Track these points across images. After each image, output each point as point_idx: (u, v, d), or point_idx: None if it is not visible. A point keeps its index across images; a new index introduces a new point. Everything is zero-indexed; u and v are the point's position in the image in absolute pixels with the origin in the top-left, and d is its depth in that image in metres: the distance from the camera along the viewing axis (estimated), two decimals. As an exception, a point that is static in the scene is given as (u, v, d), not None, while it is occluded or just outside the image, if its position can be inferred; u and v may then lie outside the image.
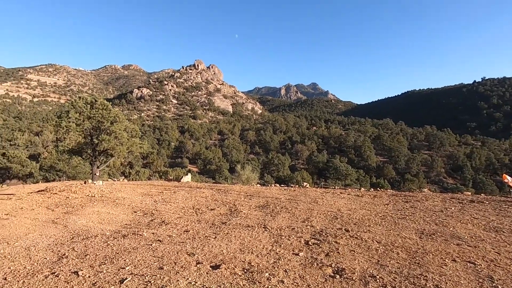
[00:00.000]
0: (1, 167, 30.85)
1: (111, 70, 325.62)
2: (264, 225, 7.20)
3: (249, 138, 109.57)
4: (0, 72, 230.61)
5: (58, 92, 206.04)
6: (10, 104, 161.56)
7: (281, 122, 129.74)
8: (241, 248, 5.50)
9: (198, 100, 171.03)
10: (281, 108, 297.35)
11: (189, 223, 7.62)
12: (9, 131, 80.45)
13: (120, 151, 13.81)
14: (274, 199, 11.07)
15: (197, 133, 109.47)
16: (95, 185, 13.72)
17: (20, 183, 28.12)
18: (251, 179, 22.82)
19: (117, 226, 7.57)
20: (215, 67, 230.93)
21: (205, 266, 4.58)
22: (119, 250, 5.49)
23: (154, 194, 12.72)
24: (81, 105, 13.23)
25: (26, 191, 15.61)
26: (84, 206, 10.12)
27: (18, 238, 6.58)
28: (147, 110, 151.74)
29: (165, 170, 49.09)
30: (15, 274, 4.54)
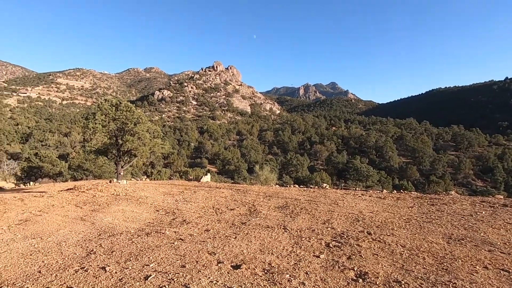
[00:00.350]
0: (34, 166, 32.74)
1: (134, 73, 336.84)
2: (283, 226, 7.17)
3: (267, 138, 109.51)
4: (33, 77, 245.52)
5: (85, 95, 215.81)
6: (42, 106, 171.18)
7: (299, 122, 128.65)
8: (261, 249, 5.51)
9: (217, 101, 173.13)
10: (300, 108, 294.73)
11: (209, 223, 7.73)
12: (41, 132, 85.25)
13: (143, 152, 14.27)
14: (293, 200, 10.99)
15: (216, 133, 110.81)
16: (119, 184, 14.24)
17: (50, 182, 29.70)
18: (270, 180, 22.79)
19: (141, 224, 7.82)
20: (234, 68, 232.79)
21: (226, 265, 4.63)
22: (143, 247, 5.67)
23: (175, 194, 13.02)
24: (107, 107, 13.80)
25: (57, 189, 16.47)
26: (110, 204, 10.53)
27: (51, 233, 6.96)
28: (167, 111, 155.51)
29: (185, 170, 50.09)
30: (48, 267, 4.81)
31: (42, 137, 79.60)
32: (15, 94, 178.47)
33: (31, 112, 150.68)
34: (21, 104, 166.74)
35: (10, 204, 10.77)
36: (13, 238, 6.71)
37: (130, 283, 4.02)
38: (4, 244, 6.21)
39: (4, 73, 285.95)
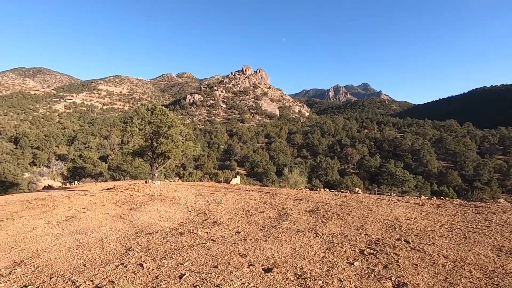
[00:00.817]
0: (78, 167, 35.38)
1: (167, 79, 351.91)
2: (315, 231, 7.03)
3: (296, 141, 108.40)
4: (78, 84, 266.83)
5: (123, 100, 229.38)
6: (85, 111, 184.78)
7: (329, 124, 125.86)
8: (292, 253, 5.44)
9: (246, 104, 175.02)
10: (330, 110, 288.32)
11: (240, 225, 7.80)
12: (84, 135, 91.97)
13: (176, 154, 14.81)
14: (324, 204, 10.75)
15: (245, 136, 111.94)
16: (154, 185, 14.90)
17: (92, 181, 31.86)
18: (299, 183, 22.50)
19: (174, 224, 8.10)
20: (263, 71, 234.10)
21: (257, 268, 4.63)
22: (177, 246, 5.86)
23: (206, 195, 13.33)
24: (143, 111, 14.55)
25: (98, 188, 17.62)
26: (146, 204, 11.05)
27: (93, 230, 7.45)
28: (198, 114, 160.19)
29: (215, 172, 51.16)
30: (92, 262, 5.15)
31: (85, 140, 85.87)
32: (62, 100, 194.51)
33: (76, 117, 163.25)
34: (67, 110, 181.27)
35: (59, 202, 11.72)
36: (61, 233, 7.28)
37: (166, 280, 4.18)
38: (54, 238, 6.77)
39: (53, 81, 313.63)
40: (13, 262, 5.26)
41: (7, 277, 4.56)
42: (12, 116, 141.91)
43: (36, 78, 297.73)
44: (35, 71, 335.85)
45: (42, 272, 4.76)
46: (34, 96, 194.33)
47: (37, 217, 9.03)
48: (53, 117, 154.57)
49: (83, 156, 36.70)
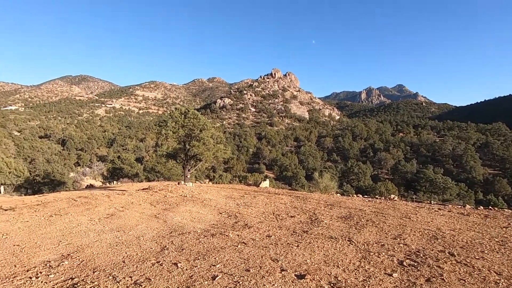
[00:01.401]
0: (117, 167, 37.62)
1: (199, 83, 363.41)
2: (348, 238, 6.76)
3: (326, 145, 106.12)
4: (117, 90, 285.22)
5: (157, 105, 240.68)
6: (123, 115, 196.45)
7: (361, 128, 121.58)
8: (325, 260, 5.28)
9: (275, 108, 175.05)
10: (361, 113, 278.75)
11: (270, 229, 7.75)
12: (122, 138, 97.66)
13: (208, 156, 15.17)
14: (357, 210, 10.34)
15: (274, 139, 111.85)
16: (186, 186, 15.36)
17: (129, 181, 33.65)
18: (330, 188, 21.89)
19: (206, 225, 8.25)
20: (292, 74, 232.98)
21: (290, 274, 4.55)
22: (210, 248, 5.95)
23: (236, 198, 13.45)
24: (177, 115, 15.11)
25: (134, 188, 18.55)
26: (178, 204, 11.40)
27: (131, 228, 7.83)
28: (228, 118, 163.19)
29: (244, 175, 51.63)
30: (130, 258, 5.39)
31: (123, 142, 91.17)
32: (103, 105, 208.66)
33: (115, 121, 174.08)
34: (107, 114, 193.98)
35: (100, 200, 12.51)
36: (102, 229, 7.74)
37: (199, 281, 4.24)
38: (96, 234, 7.21)
39: (96, 88, 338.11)
40: (61, 255, 5.67)
41: (56, 269, 4.92)
42: (60, 120, 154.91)
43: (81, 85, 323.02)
44: (80, 79, 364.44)
45: (86, 266, 5.07)
46: (79, 101, 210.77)
47: (81, 214, 9.70)
48: (95, 121, 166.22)
49: (121, 158, 38.96)
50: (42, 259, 5.45)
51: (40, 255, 5.70)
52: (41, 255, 5.73)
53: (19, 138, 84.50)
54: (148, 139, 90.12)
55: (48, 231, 7.61)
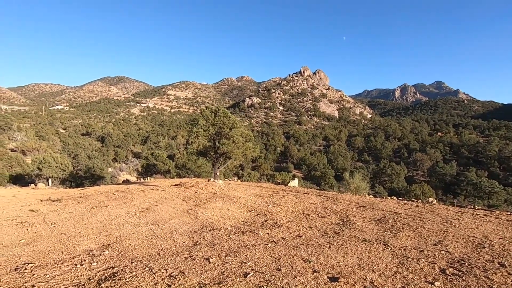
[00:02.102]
0: (150, 164, 39.36)
1: (228, 83, 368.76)
2: (384, 242, 6.46)
3: (357, 144, 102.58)
4: (151, 90, 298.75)
5: (188, 104, 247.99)
6: (156, 114, 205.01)
7: (395, 127, 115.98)
8: (359, 264, 5.08)
9: (304, 106, 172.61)
10: (395, 111, 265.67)
11: (300, 228, 7.63)
12: (155, 136, 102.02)
13: (237, 154, 15.33)
14: (392, 213, 9.85)
15: (302, 138, 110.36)
16: (216, 183, 15.65)
17: (161, 177, 35.06)
18: (361, 189, 21.14)
19: (236, 222, 8.33)
20: (321, 72, 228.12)
21: (322, 276, 4.43)
22: (240, 245, 5.99)
23: (265, 196, 13.45)
24: (208, 113, 15.43)
25: (167, 184, 19.26)
26: (209, 201, 11.64)
27: (165, 222, 8.12)
28: (256, 117, 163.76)
29: (272, 174, 51.55)
30: (165, 251, 5.58)
31: (156, 140, 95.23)
32: (138, 104, 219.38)
33: (148, 119, 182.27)
34: (142, 113, 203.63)
35: (135, 194, 13.14)
36: (138, 222, 8.11)
37: (231, 277, 4.28)
38: (133, 226, 7.57)
39: (132, 88, 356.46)
40: (102, 245, 6.03)
41: (98, 258, 5.24)
42: (99, 118, 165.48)
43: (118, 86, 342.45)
44: (118, 79, 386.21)
45: (124, 256, 5.34)
46: (116, 101, 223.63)
47: (119, 207, 10.25)
48: (131, 120, 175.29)
49: (154, 155, 40.70)
50: (86, 248, 5.83)
51: (83, 244, 6.10)
52: (85, 244, 6.13)
53: (64, 135, 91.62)
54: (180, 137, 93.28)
55: (90, 222, 8.14)
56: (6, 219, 8.23)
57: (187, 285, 4.08)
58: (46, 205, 10.52)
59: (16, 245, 6.02)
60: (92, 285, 4.12)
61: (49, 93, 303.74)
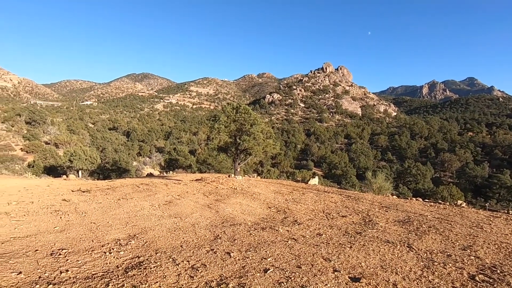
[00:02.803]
0: (172, 159, 40.46)
1: (248, 79, 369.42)
2: (408, 244, 6.26)
3: (380, 143, 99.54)
4: (174, 86, 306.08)
5: (209, 100, 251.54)
6: (179, 110, 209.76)
7: (421, 125, 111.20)
8: (382, 265, 4.96)
9: (325, 103, 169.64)
10: (422, 109, 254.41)
11: (321, 227, 7.56)
12: (178, 131, 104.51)
13: (257, 151, 15.40)
14: (417, 215, 9.50)
15: (323, 136, 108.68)
16: (236, 179, 15.82)
17: (183, 172, 35.94)
18: (384, 189, 20.55)
19: (256, 218, 8.40)
20: (344, 69, 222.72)
21: (343, 275, 4.38)
22: (260, 241, 6.05)
23: (284, 193, 13.43)
24: (229, 110, 15.59)
25: (188, 178, 19.72)
26: (229, 196, 11.80)
27: (187, 215, 8.34)
28: (276, 114, 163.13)
29: (291, 171, 51.30)
30: (187, 244, 5.75)
31: (178, 135, 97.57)
32: (161, 101, 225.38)
33: (171, 115, 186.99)
34: (165, 109, 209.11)
35: (159, 188, 13.58)
36: (162, 215, 8.39)
37: (251, 272, 4.34)
38: (157, 219, 7.85)
39: (156, 84, 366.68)
40: (128, 235, 6.31)
41: (125, 247, 5.49)
42: (125, 114, 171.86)
43: (143, 82, 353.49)
44: (142, 76, 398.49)
45: (149, 247, 5.56)
46: (141, 97, 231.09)
47: (144, 200, 10.65)
48: (154, 115, 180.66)
49: (177, 150, 41.77)
50: (113, 237, 6.13)
51: (111, 233, 6.42)
52: (112, 233, 6.45)
53: (93, 129, 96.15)
54: (201, 133, 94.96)
55: (117, 212, 8.53)
56: (42, 207, 8.81)
57: (208, 277, 4.19)
58: (77, 196, 11.14)
59: (51, 232, 6.44)
60: (120, 272, 4.33)
61: (80, 89, 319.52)
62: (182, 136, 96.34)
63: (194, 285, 3.94)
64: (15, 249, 5.25)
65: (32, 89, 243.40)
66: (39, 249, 5.28)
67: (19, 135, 60.96)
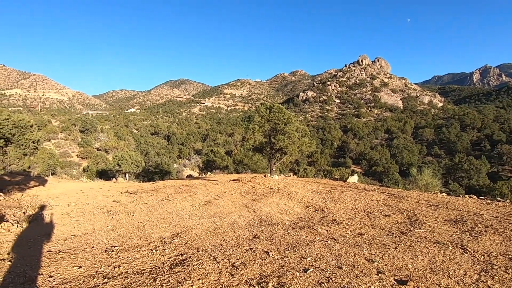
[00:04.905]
0: (210, 160, 41.75)
1: (281, 78, 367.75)
2: (461, 245, 5.76)
3: (425, 136, 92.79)
4: (209, 90, 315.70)
5: (243, 101, 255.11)
6: (214, 113, 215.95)
7: (473, 116, 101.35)
8: (432, 268, 4.63)
9: (362, 98, 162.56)
10: (473, 98, 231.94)
11: (362, 226, 7.27)
12: (214, 133, 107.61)
13: (293, 150, 15.27)
14: (471, 214, 8.69)
15: (361, 132, 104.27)
16: (272, 179, 15.85)
17: (220, 173, 36.89)
18: (432, 186, 19.07)
19: (293, 218, 8.34)
20: (382, 60, 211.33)
21: (388, 277, 4.17)
22: (299, 240, 5.99)
23: (322, 192, 13.13)
24: (263, 110, 15.67)
25: (226, 179, 20.20)
26: (266, 196, 11.86)
27: (225, 215, 8.56)
28: (311, 111, 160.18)
29: (329, 169, 50.02)
30: (227, 243, 5.90)
31: (214, 137, 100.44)
32: (198, 104, 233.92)
33: (207, 118, 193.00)
34: (201, 112, 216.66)
35: (198, 188, 14.11)
36: (202, 214, 8.70)
37: (290, 271, 4.32)
38: (197, 218, 8.17)
39: (192, 89, 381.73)
40: (172, 234, 6.65)
41: (169, 245, 5.80)
42: (165, 119, 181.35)
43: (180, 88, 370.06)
44: (180, 82, 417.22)
45: (191, 245, 5.81)
46: (179, 102, 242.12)
47: (184, 200, 11.14)
48: (192, 119, 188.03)
49: (214, 151, 43.02)
50: (158, 236, 6.51)
51: (156, 232, 6.82)
52: (157, 232, 6.85)
53: (137, 135, 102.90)
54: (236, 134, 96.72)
55: (161, 212, 9.04)
56: (96, 208, 9.66)
57: (248, 275, 4.26)
58: (125, 197, 12.01)
59: (105, 230, 7.03)
60: (165, 268, 4.59)
61: (124, 98, 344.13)
62: (218, 138, 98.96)
63: (235, 283, 4.03)
64: (75, 246, 5.83)
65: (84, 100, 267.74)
66: (95, 246, 5.80)
67: (75, 142, 67.47)
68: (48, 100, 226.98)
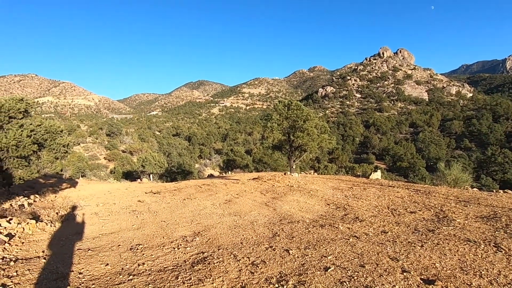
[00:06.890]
0: (230, 159, 42.16)
1: (299, 75, 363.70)
2: (495, 243, 5.42)
3: (454, 129, 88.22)
4: (227, 90, 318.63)
5: (261, 100, 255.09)
6: (233, 112, 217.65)
7: (507, 105, 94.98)
8: (461, 267, 4.39)
9: (384, 91, 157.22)
10: (507, 86, 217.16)
11: (385, 224, 7.04)
12: (233, 133, 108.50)
13: (312, 147, 15.06)
14: (506, 210, 8.15)
15: (384, 126, 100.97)
16: (292, 177, 15.73)
17: (240, 172, 37.14)
18: (462, 181, 18.07)
19: (314, 216, 8.23)
20: (405, 51, 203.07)
21: (414, 277, 4.01)
22: (319, 238, 5.90)
23: (344, 189, 12.86)
24: (281, 107, 15.57)
25: (246, 178, 20.30)
26: (286, 194, 11.80)
27: (245, 213, 8.60)
28: (331, 107, 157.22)
29: (351, 166, 48.89)
30: (247, 241, 5.93)
31: (234, 136, 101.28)
32: (217, 105, 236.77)
33: (227, 118, 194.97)
34: (221, 112, 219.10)
35: (219, 188, 14.29)
36: (222, 213, 8.80)
37: (311, 270, 4.27)
38: (218, 217, 8.27)
39: (211, 90, 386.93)
40: (193, 232, 6.79)
41: (191, 243, 5.92)
42: (186, 120, 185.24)
43: (199, 89, 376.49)
44: (199, 84, 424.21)
45: (212, 243, 5.89)
46: (198, 103, 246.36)
47: (205, 199, 11.33)
48: (211, 119, 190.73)
49: (234, 151, 43.40)
50: (181, 234, 6.66)
51: (179, 231, 6.98)
52: (180, 230, 7.01)
53: (159, 136, 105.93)
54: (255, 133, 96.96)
55: (183, 211, 9.24)
56: (122, 208, 10.05)
57: (268, 273, 4.26)
58: (149, 197, 12.40)
59: (130, 229, 7.30)
60: (187, 266, 4.69)
61: (146, 101, 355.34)
62: (238, 137, 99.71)
63: (255, 281, 4.04)
64: (103, 244, 6.10)
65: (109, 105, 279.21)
66: (121, 244, 6.04)
67: (102, 146, 70.58)
68: (76, 106, 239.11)
